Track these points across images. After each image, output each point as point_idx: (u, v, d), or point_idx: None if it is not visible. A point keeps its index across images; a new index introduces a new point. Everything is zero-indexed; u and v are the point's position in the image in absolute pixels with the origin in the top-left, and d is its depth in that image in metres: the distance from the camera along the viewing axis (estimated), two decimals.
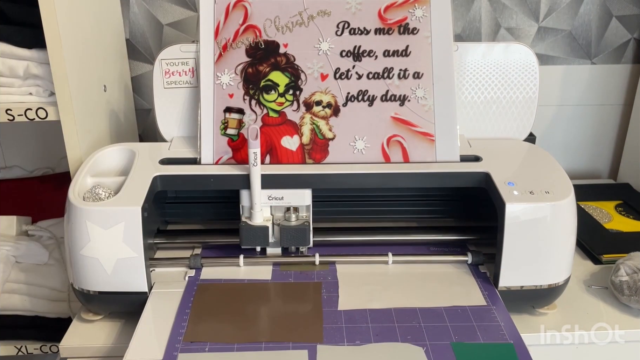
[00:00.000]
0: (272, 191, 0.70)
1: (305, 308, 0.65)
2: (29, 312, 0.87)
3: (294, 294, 0.68)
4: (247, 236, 0.70)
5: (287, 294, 0.68)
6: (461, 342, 0.59)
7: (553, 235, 0.66)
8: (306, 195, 0.71)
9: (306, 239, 0.72)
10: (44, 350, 0.89)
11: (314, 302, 0.66)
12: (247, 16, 0.76)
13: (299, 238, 0.71)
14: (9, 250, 0.86)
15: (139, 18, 1.03)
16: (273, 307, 0.66)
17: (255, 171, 0.68)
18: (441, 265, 0.74)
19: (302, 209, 0.72)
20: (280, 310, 0.65)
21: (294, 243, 0.72)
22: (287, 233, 0.71)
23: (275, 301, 0.67)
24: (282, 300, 0.67)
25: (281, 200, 0.71)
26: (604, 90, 1.12)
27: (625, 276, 0.72)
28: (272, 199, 0.71)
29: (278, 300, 0.67)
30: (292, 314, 0.64)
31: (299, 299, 0.67)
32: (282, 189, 0.70)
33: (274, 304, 0.67)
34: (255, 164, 0.67)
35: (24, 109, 0.74)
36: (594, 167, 1.19)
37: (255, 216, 0.70)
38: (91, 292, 0.66)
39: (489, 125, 0.81)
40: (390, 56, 0.75)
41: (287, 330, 0.61)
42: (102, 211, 0.64)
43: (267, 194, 0.70)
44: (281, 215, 0.72)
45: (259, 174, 0.68)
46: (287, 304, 0.66)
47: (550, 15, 1.06)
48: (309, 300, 0.67)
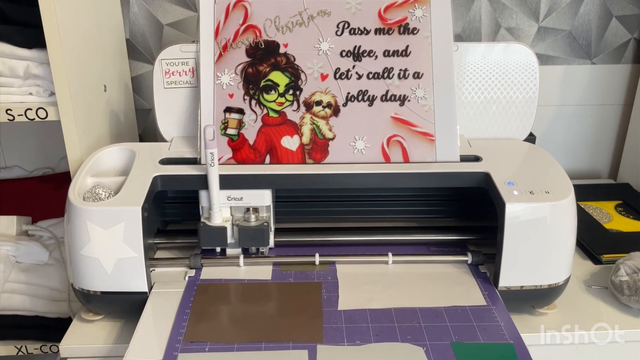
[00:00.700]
0: (231, 192, 0.70)
1: (305, 308, 0.65)
2: (29, 312, 0.87)
3: (294, 294, 0.68)
4: (205, 237, 0.70)
5: (287, 294, 0.68)
6: (461, 342, 0.59)
7: (553, 235, 0.66)
8: (266, 195, 0.71)
9: (265, 240, 0.71)
10: (44, 350, 0.89)
11: (314, 302, 0.66)
12: (247, 16, 0.76)
13: (257, 238, 0.71)
14: (9, 250, 0.86)
15: (139, 18, 1.03)
16: (273, 307, 0.66)
17: (212, 172, 0.67)
18: (441, 265, 0.74)
19: (262, 210, 0.72)
20: (280, 310, 0.65)
21: (253, 243, 0.72)
22: (246, 233, 0.70)
23: (275, 301, 0.67)
24: (282, 300, 0.67)
25: (240, 201, 0.71)
26: (604, 90, 1.12)
27: (625, 276, 0.72)
28: (231, 200, 0.70)
29: (278, 300, 0.67)
30: (292, 314, 0.64)
31: (299, 299, 0.67)
32: (241, 190, 0.70)
33: (274, 304, 0.67)
34: (213, 164, 0.67)
35: (24, 109, 0.74)
36: (594, 167, 1.19)
37: (214, 217, 0.70)
38: (91, 292, 0.66)
39: (489, 125, 0.81)
40: (390, 56, 0.75)
41: (287, 330, 0.61)
42: (102, 211, 0.64)
43: (227, 195, 0.70)
44: (241, 215, 0.72)
45: (216, 175, 0.68)
46: (287, 304, 0.66)
47: (550, 15, 1.06)
48: (309, 300, 0.67)
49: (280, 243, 0.76)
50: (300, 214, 0.83)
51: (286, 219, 0.82)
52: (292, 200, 0.83)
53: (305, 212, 0.83)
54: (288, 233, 0.78)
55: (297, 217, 0.83)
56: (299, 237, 0.77)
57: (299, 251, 0.75)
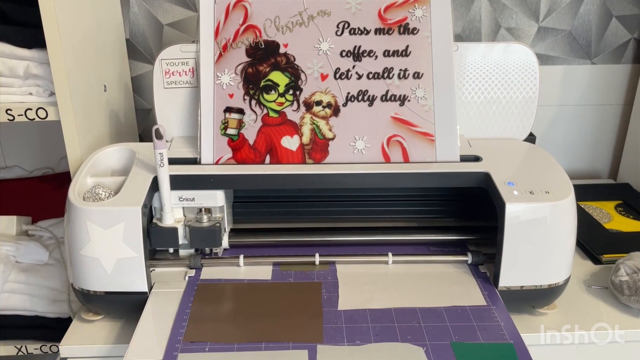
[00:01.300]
0: (182, 192, 0.70)
1: (305, 308, 0.65)
2: (29, 312, 0.87)
3: (294, 294, 0.68)
4: (156, 237, 0.70)
5: (287, 294, 0.68)
6: (461, 342, 0.59)
7: (553, 235, 0.66)
8: (218, 196, 0.71)
9: (217, 240, 0.71)
10: (44, 350, 0.89)
11: (314, 302, 0.66)
12: (247, 16, 0.76)
13: (209, 239, 0.71)
14: (9, 250, 0.86)
15: (139, 18, 1.03)
16: (273, 307, 0.66)
17: (162, 172, 0.67)
18: (441, 265, 0.74)
19: (216, 210, 0.72)
20: (280, 310, 0.65)
21: (205, 244, 0.72)
22: (197, 234, 0.70)
23: (275, 301, 0.67)
24: (282, 300, 0.67)
25: (192, 202, 0.70)
26: (604, 90, 1.12)
27: (625, 276, 0.72)
28: (183, 200, 0.70)
29: (278, 300, 0.67)
30: (292, 314, 0.64)
31: (299, 299, 0.67)
32: (193, 190, 0.70)
33: (274, 304, 0.67)
34: (162, 164, 0.66)
35: (24, 109, 0.74)
36: (594, 167, 1.19)
37: (165, 217, 0.70)
38: (91, 292, 0.66)
39: (489, 125, 0.81)
40: (390, 56, 0.75)
41: (287, 330, 0.61)
42: (102, 211, 0.64)
43: (178, 195, 0.70)
44: (194, 216, 0.72)
45: (166, 175, 0.67)
46: (287, 304, 0.66)
47: (550, 15, 1.06)
48: (309, 300, 0.67)
49: (281, 243, 0.77)
50: (301, 213, 0.83)
51: (286, 218, 0.82)
52: (292, 200, 0.83)
53: (305, 212, 0.83)
54: (288, 233, 0.78)
55: (297, 217, 0.83)
56: (299, 237, 0.77)
57: (299, 251, 0.75)
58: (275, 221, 0.79)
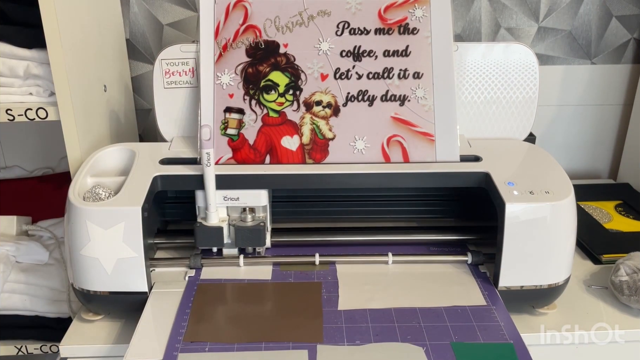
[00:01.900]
0: (227, 192, 0.70)
1: (305, 308, 0.65)
2: (29, 312, 0.87)
3: (294, 294, 0.68)
4: (201, 237, 0.70)
5: (287, 294, 0.68)
6: (461, 342, 0.59)
7: (553, 235, 0.66)
8: (262, 195, 0.71)
9: (261, 240, 0.71)
10: (44, 350, 0.89)
11: (314, 302, 0.66)
12: (247, 16, 0.76)
13: (254, 238, 0.71)
14: (9, 250, 0.86)
15: (139, 18, 1.03)
16: (273, 307, 0.66)
17: (208, 172, 0.67)
18: (441, 265, 0.74)
19: (259, 210, 0.72)
20: (280, 310, 0.65)
21: (249, 244, 0.72)
22: (242, 234, 0.70)
23: (275, 301, 0.67)
24: (282, 300, 0.67)
25: (237, 201, 0.71)
26: (603, 90, 1.12)
27: (625, 276, 0.72)
28: (227, 200, 0.70)
29: (278, 300, 0.67)
30: (292, 314, 0.64)
31: (299, 299, 0.67)
32: (238, 190, 0.70)
33: (274, 304, 0.67)
34: (209, 164, 0.67)
35: (24, 109, 0.74)
36: (593, 167, 1.19)
37: (210, 217, 0.70)
38: (91, 292, 0.66)
39: (489, 125, 0.81)
40: (390, 56, 0.75)
41: (287, 330, 0.61)
42: (102, 211, 0.64)
43: (223, 195, 0.70)
44: (237, 215, 0.72)
45: (212, 175, 0.68)
46: (287, 304, 0.66)
47: (550, 15, 1.06)
48: (309, 300, 0.67)
49: (280, 243, 0.76)
50: (301, 214, 0.83)
51: (286, 219, 0.82)
52: (292, 200, 0.83)
53: (305, 212, 0.83)
54: (288, 233, 0.78)
55: (297, 217, 0.83)
56: (299, 237, 0.77)
57: (299, 251, 0.75)
58: (275, 221, 0.79)
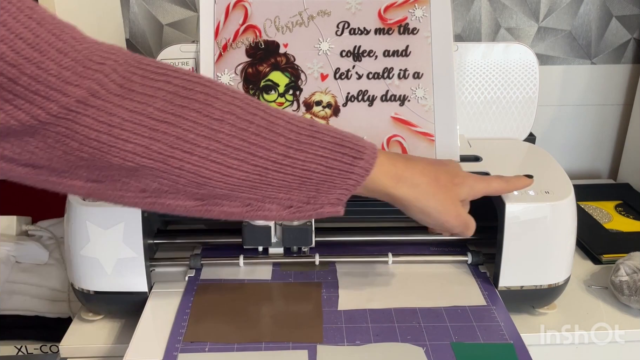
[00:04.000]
0: None
1: (305, 308, 0.65)
2: (28, 312, 0.87)
3: (294, 294, 0.68)
4: (249, 236, 0.70)
5: (287, 294, 0.68)
6: (461, 342, 0.59)
7: (553, 235, 0.66)
8: None
9: (308, 239, 0.71)
10: (44, 350, 0.89)
11: (314, 302, 0.66)
12: (247, 16, 0.76)
13: (301, 238, 0.71)
14: (9, 250, 0.86)
15: (139, 18, 1.03)
16: (273, 307, 0.66)
17: None
18: (441, 265, 0.74)
19: None
20: (280, 310, 0.65)
21: (297, 243, 0.72)
22: (290, 233, 0.70)
23: (275, 301, 0.67)
24: (282, 301, 0.67)
25: None
26: (604, 90, 1.12)
27: (625, 276, 0.72)
28: None
29: (278, 300, 0.67)
30: (292, 314, 0.64)
31: (299, 299, 0.67)
32: None
33: (274, 304, 0.67)
34: None
35: None
36: (593, 167, 1.19)
37: None
38: (91, 292, 0.66)
39: (489, 125, 0.81)
40: (390, 56, 0.75)
41: (287, 330, 0.61)
42: (102, 211, 0.64)
43: None
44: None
45: None
46: (287, 304, 0.66)
47: (550, 15, 1.06)
48: (309, 300, 0.67)
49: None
50: None
51: None
52: None
53: None
54: None
55: None
56: None
57: (299, 251, 0.75)
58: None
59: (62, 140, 0.43)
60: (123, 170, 0.46)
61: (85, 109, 0.43)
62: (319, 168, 0.50)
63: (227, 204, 0.51)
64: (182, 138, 0.46)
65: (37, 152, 0.44)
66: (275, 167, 0.49)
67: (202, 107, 0.47)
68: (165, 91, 0.46)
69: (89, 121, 0.43)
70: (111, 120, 0.44)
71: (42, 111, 0.41)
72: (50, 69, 0.40)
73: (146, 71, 0.46)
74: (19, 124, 0.41)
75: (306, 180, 0.51)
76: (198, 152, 0.46)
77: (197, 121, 0.46)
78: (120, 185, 0.48)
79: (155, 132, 0.45)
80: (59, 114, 0.42)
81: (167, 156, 0.46)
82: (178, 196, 0.49)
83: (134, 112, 0.45)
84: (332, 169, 0.51)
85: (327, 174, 0.51)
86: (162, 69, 0.47)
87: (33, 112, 0.41)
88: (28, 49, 0.39)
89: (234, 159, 0.48)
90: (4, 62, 0.38)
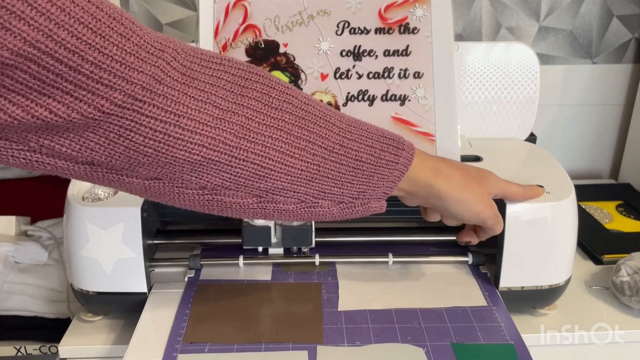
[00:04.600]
0: None
1: (305, 308, 0.65)
2: (28, 313, 0.86)
3: (294, 295, 0.68)
4: (249, 236, 0.70)
5: (287, 294, 0.68)
6: (462, 343, 0.59)
7: (554, 235, 0.66)
8: None
9: (308, 240, 0.71)
10: (43, 351, 0.89)
11: (314, 303, 0.66)
12: (247, 16, 0.75)
13: (301, 238, 0.71)
14: (8, 250, 0.86)
15: (139, 18, 1.03)
16: (273, 307, 0.66)
17: None
18: (442, 265, 0.73)
19: None
20: (280, 310, 0.65)
21: (297, 243, 0.71)
22: (290, 233, 0.70)
23: (275, 302, 0.67)
24: (282, 301, 0.67)
25: None
26: (605, 90, 1.11)
27: (626, 276, 0.72)
28: None
29: (278, 300, 0.67)
30: (292, 314, 0.64)
31: (299, 300, 0.67)
32: None
33: (274, 304, 0.66)
34: None
35: None
36: (594, 167, 1.18)
37: None
38: (90, 293, 0.66)
39: (489, 125, 0.81)
40: (391, 56, 0.75)
41: (287, 331, 0.61)
42: (102, 211, 0.64)
43: None
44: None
45: None
46: (287, 304, 0.66)
47: (551, 14, 1.06)
48: (309, 300, 0.66)
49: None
50: None
51: None
52: None
53: None
54: None
55: None
56: None
57: (299, 251, 0.75)
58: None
59: (125, 135, 0.40)
60: (186, 165, 0.44)
61: (151, 98, 0.40)
62: (370, 159, 0.52)
63: (283, 201, 0.50)
64: (247, 127, 0.45)
65: (97, 149, 0.41)
66: (332, 157, 0.50)
67: (260, 97, 0.46)
68: (225, 80, 0.45)
69: (156, 111, 0.40)
70: (178, 109, 0.41)
71: (106, 102, 0.38)
72: (114, 55, 0.37)
73: (204, 60, 0.45)
74: (80, 118, 0.37)
75: (358, 172, 0.52)
76: (262, 141, 0.46)
77: (259, 110, 0.46)
78: (180, 182, 0.46)
79: (221, 121, 0.44)
80: (124, 104, 0.39)
81: (233, 147, 0.45)
82: (237, 193, 0.48)
83: (200, 100, 0.43)
84: (381, 160, 0.52)
85: (377, 165, 0.52)
86: (218, 58, 0.46)
87: (96, 102, 0.37)
88: (89, 33, 0.35)
89: (296, 147, 0.47)
90: (65, 50, 0.34)
